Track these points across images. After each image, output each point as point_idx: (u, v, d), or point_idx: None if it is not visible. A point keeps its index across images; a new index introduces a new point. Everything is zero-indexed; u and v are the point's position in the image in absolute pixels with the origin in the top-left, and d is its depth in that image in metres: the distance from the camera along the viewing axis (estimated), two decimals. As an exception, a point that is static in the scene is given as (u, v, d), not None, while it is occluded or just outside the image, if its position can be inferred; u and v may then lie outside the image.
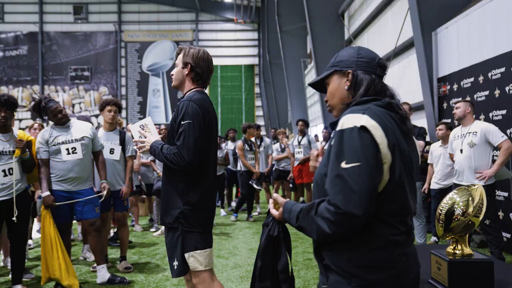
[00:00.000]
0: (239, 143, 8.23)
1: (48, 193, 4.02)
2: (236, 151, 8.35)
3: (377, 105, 1.47)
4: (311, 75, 18.90)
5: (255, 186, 8.01)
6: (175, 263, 2.51)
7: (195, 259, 2.48)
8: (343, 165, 1.33)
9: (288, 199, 1.57)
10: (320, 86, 1.69)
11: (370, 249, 1.36)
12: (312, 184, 7.14)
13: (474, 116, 4.94)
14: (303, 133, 8.78)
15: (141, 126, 2.69)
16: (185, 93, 2.62)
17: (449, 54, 6.86)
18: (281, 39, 20.18)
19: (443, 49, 7.02)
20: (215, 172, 2.66)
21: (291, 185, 9.08)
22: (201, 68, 2.58)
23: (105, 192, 4.31)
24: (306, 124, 8.93)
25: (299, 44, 20.67)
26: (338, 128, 1.40)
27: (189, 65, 2.58)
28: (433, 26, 7.15)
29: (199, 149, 2.44)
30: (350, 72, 1.55)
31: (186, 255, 2.48)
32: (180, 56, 2.63)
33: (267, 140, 8.78)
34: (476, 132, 4.67)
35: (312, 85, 1.70)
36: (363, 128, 1.35)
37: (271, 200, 1.65)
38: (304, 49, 20.66)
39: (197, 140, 2.42)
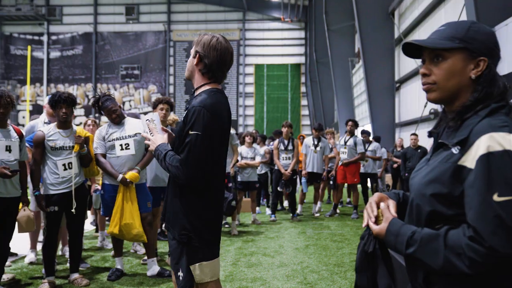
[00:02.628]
0: (276, 142, 8.34)
1: (121, 175, 4.24)
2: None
3: (505, 114, 1.24)
4: (358, 75, 18.60)
5: (279, 188, 8.02)
6: (180, 274, 2.29)
7: (201, 270, 2.26)
8: (496, 198, 1.12)
9: (394, 216, 1.35)
10: (413, 50, 1.38)
11: (497, 276, 1.18)
12: (352, 186, 6.90)
13: None
14: (352, 133, 8.65)
15: (148, 120, 2.41)
16: (196, 89, 2.30)
17: (509, 53, 6.55)
18: (328, 38, 19.98)
19: (502, 47, 6.70)
20: (223, 182, 2.40)
21: (331, 183, 8.98)
22: (209, 59, 2.20)
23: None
24: (356, 124, 8.79)
25: (347, 43, 20.39)
26: (482, 151, 1.16)
27: (198, 54, 2.23)
28: (491, 23, 6.84)
29: (204, 165, 2.15)
30: (485, 62, 1.28)
31: (192, 267, 2.26)
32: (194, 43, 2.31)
33: (324, 140, 8.73)
34: None
35: (409, 45, 1.38)
36: None
37: (368, 211, 1.41)
38: (351, 48, 20.35)
39: (203, 156, 2.13)
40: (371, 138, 9.77)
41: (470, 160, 1.17)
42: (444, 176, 1.22)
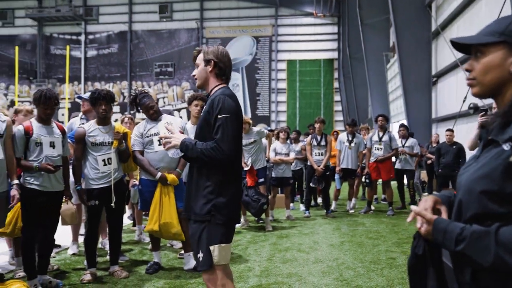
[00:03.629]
0: (308, 137, 8.29)
1: (160, 173, 4.32)
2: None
3: None
4: (393, 69, 18.22)
5: (311, 184, 7.96)
6: (200, 255, 2.49)
7: (219, 252, 2.46)
8: None
9: (438, 216, 1.32)
10: (463, 45, 1.37)
11: None
12: (390, 184, 6.68)
13: None
14: (384, 129, 8.51)
15: (167, 123, 2.89)
16: (212, 90, 2.64)
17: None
18: (362, 32, 19.66)
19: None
20: (240, 167, 2.79)
21: (367, 181, 8.84)
22: (224, 63, 2.63)
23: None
24: (387, 119, 8.64)
25: (381, 37, 20.00)
26: None
27: (212, 61, 2.62)
28: (535, 14, 6.55)
29: (236, 143, 2.51)
30: None
31: (212, 247, 2.46)
32: (200, 55, 2.67)
33: (359, 136, 8.61)
34: None
35: (457, 42, 1.37)
36: None
37: (422, 215, 1.36)
38: (386, 42, 19.95)
39: (235, 134, 2.48)
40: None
41: None
42: (494, 173, 1.20)
